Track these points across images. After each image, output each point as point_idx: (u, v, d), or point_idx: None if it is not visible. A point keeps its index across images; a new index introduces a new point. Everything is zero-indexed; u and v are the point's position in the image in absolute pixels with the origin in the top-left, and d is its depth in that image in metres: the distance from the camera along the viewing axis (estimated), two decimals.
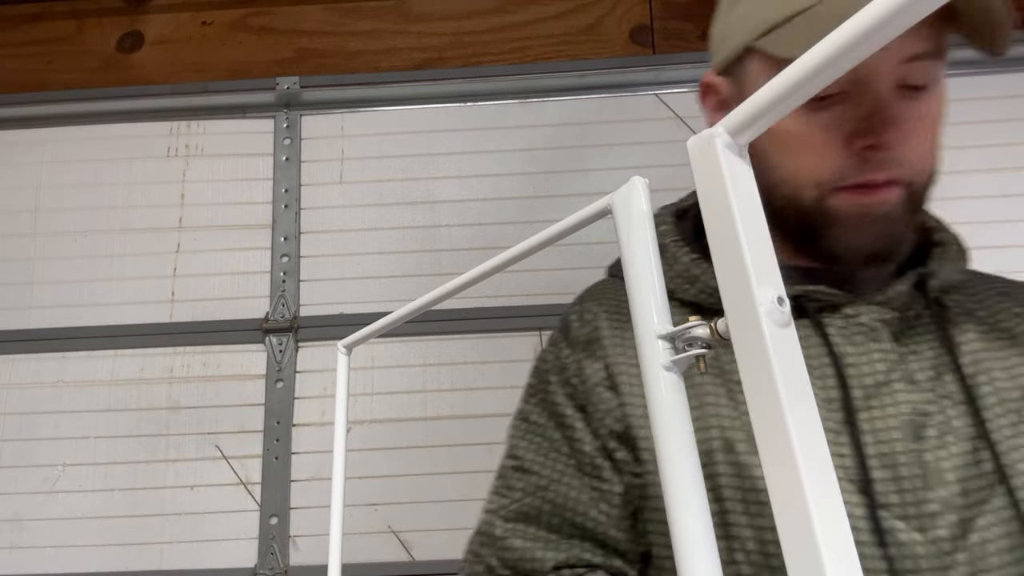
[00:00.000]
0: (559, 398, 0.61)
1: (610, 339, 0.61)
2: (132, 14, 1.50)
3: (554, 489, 0.59)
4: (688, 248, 0.62)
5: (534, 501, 0.59)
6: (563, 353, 0.63)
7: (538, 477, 0.60)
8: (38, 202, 1.41)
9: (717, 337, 0.31)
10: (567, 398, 0.61)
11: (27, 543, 1.27)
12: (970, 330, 0.59)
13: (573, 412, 0.60)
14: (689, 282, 0.60)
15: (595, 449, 0.58)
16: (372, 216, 1.38)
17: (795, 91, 0.25)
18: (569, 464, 0.59)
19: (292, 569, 1.24)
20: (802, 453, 0.24)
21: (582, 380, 0.60)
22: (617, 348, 0.60)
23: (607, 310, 0.63)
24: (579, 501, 0.58)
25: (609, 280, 0.69)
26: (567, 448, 0.60)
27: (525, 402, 0.66)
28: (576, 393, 0.60)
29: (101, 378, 1.33)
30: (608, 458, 0.58)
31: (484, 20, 1.47)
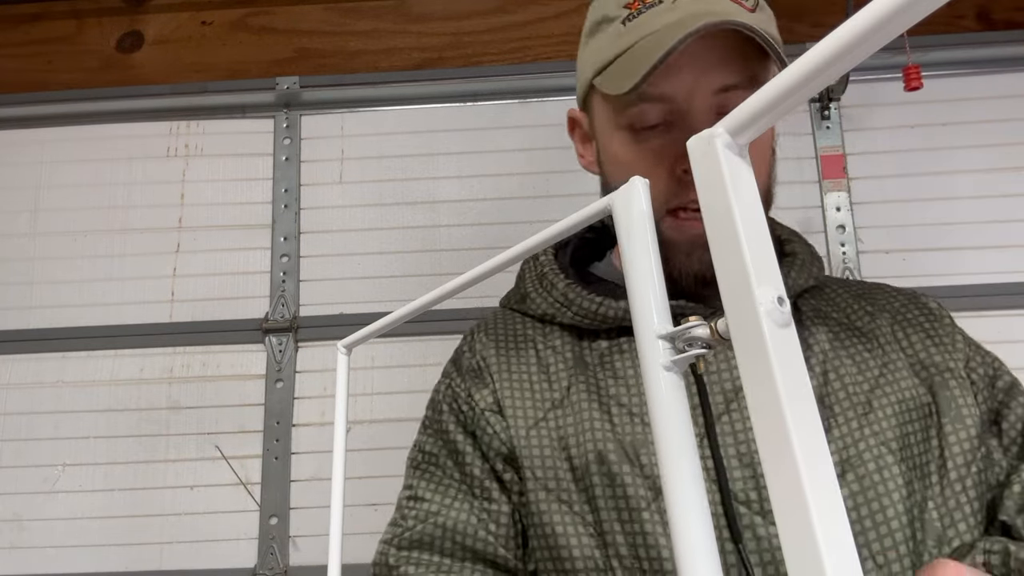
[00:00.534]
0: (451, 426, 0.65)
1: (496, 367, 0.65)
2: (132, 14, 1.50)
3: (444, 514, 0.62)
4: (564, 275, 0.68)
5: (426, 528, 0.62)
6: (455, 383, 0.67)
7: (430, 503, 0.63)
8: (38, 202, 1.41)
9: (717, 337, 0.31)
10: (457, 425, 0.65)
11: (27, 543, 1.27)
12: (823, 331, 0.63)
13: (463, 438, 0.64)
14: (565, 306, 0.65)
15: (484, 472, 0.63)
16: (372, 216, 1.38)
17: (794, 91, 0.25)
18: (460, 489, 0.63)
19: (292, 569, 1.24)
20: (802, 453, 0.24)
21: (471, 407, 0.64)
22: (503, 375, 0.65)
23: (495, 340, 0.68)
24: (468, 523, 0.61)
25: (500, 311, 0.74)
26: (458, 473, 0.64)
27: (421, 433, 0.69)
28: (466, 420, 0.65)
29: (101, 378, 1.33)
30: (497, 480, 0.62)
31: (484, 20, 1.47)
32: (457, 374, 0.68)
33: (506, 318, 0.71)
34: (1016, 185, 1.32)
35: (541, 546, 0.59)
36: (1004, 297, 1.27)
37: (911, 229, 1.32)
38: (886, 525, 0.54)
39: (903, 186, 1.34)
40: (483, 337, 0.69)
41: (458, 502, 0.63)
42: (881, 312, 0.66)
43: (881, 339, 0.63)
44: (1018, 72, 1.36)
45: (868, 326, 0.64)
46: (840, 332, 0.63)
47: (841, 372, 0.60)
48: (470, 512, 0.62)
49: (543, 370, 0.65)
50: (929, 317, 0.65)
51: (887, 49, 1.21)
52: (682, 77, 0.58)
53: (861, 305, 0.67)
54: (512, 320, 0.71)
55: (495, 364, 0.66)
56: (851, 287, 0.70)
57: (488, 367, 0.66)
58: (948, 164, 1.33)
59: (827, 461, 0.25)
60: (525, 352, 0.66)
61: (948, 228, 1.31)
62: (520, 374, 0.65)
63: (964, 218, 1.31)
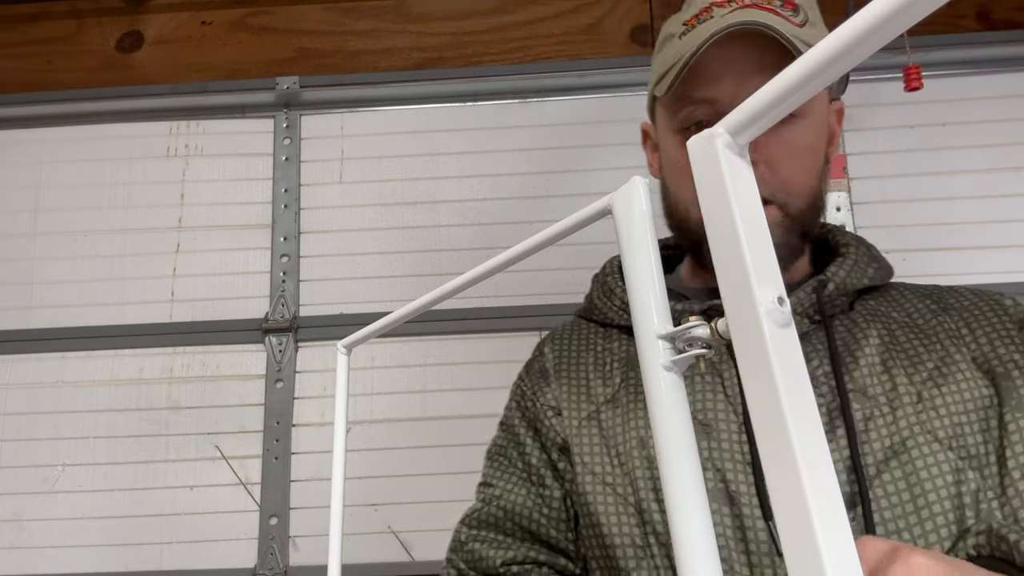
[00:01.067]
0: (516, 420, 0.74)
1: (557, 369, 0.74)
2: (132, 14, 1.50)
3: (506, 498, 0.70)
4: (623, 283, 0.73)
5: (491, 509, 0.71)
6: (524, 383, 0.76)
7: (494, 488, 0.72)
8: (38, 202, 1.41)
9: (717, 337, 0.31)
10: (522, 420, 0.74)
11: (27, 543, 1.27)
12: (877, 329, 0.65)
13: (525, 431, 0.72)
14: (623, 310, 0.73)
15: (540, 461, 0.70)
16: (372, 216, 1.38)
17: (795, 91, 0.25)
18: (521, 476, 0.71)
19: (292, 569, 1.24)
20: (802, 452, 0.24)
21: (534, 404, 0.73)
22: (563, 376, 0.73)
23: (560, 345, 0.76)
24: (525, 506, 0.69)
25: (572, 319, 0.81)
26: (520, 463, 0.72)
27: (497, 429, 0.78)
28: (529, 415, 0.73)
29: (101, 378, 1.33)
30: (552, 468, 0.69)
31: (484, 20, 1.47)
32: (527, 375, 0.77)
33: (575, 325, 0.78)
34: (1016, 185, 1.32)
35: (587, 525, 0.65)
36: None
37: (911, 229, 1.32)
38: (928, 509, 0.55)
39: (903, 186, 1.34)
40: (551, 343, 0.78)
41: (517, 487, 0.70)
42: (948, 310, 0.67)
43: (942, 335, 0.64)
44: (1018, 72, 1.36)
45: (930, 323, 0.66)
46: (897, 330, 0.65)
47: (891, 367, 0.62)
48: (527, 496, 0.69)
49: (599, 369, 0.71)
50: (999, 313, 0.66)
51: (887, 49, 1.21)
52: (724, 80, 0.63)
53: (926, 304, 0.68)
54: (579, 327, 0.78)
55: (557, 367, 0.74)
56: (921, 289, 0.72)
57: (551, 369, 0.74)
58: (948, 164, 1.33)
59: (827, 461, 0.25)
60: (586, 354, 0.73)
61: (948, 228, 1.31)
62: (578, 374, 0.72)
63: (964, 218, 1.31)
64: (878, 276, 0.71)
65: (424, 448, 1.28)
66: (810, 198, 0.67)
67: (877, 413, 0.59)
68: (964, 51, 1.35)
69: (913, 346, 0.64)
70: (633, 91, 1.40)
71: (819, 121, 0.68)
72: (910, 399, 0.60)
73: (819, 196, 0.69)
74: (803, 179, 0.67)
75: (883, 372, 0.62)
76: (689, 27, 0.65)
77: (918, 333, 0.65)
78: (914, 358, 0.63)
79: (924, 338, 0.64)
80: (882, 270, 0.72)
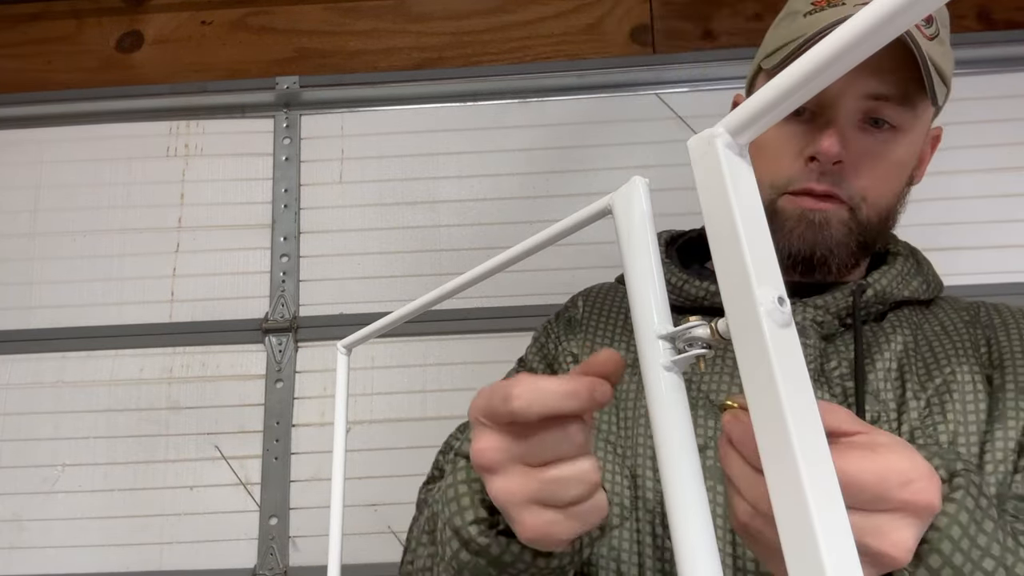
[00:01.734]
0: (532, 357, 0.76)
1: (587, 324, 0.74)
2: (132, 14, 1.50)
3: None
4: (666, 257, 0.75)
5: None
6: (552, 325, 0.77)
7: None
8: (38, 202, 1.41)
9: (717, 337, 0.31)
10: (541, 359, 0.74)
11: (27, 543, 1.27)
12: (902, 337, 0.65)
13: (540, 367, 0.74)
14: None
15: None
16: (372, 216, 1.38)
17: (794, 92, 0.25)
18: None
19: (292, 570, 1.24)
20: (802, 453, 0.24)
21: (557, 346, 0.74)
22: (590, 332, 0.73)
23: (594, 302, 0.77)
24: None
25: (611, 283, 0.81)
26: None
27: (514, 365, 0.79)
28: (549, 354, 0.74)
29: (101, 378, 1.33)
30: None
31: (484, 20, 1.47)
32: (555, 321, 0.78)
33: (613, 289, 0.79)
34: (1017, 185, 1.32)
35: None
36: (1004, 297, 1.26)
37: (911, 229, 1.31)
38: None
39: None
40: (585, 297, 0.78)
41: None
42: (976, 323, 0.67)
43: (967, 347, 0.64)
44: (1019, 72, 1.36)
45: (960, 333, 0.66)
46: (922, 340, 0.65)
47: (905, 373, 0.62)
48: None
49: (625, 336, 0.72)
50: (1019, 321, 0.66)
51: None
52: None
53: (960, 316, 0.68)
54: (616, 291, 0.78)
55: (587, 321, 0.74)
56: (962, 303, 0.71)
57: (581, 321, 0.74)
58: (948, 164, 1.33)
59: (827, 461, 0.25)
60: (615, 318, 0.74)
61: (948, 228, 1.31)
62: (605, 334, 0.72)
63: (964, 218, 1.31)
64: (921, 290, 0.70)
65: (424, 448, 1.28)
66: (883, 212, 0.67)
67: (884, 418, 0.60)
68: (964, 51, 1.35)
69: (934, 355, 0.64)
70: (634, 91, 1.40)
71: (916, 140, 0.67)
72: (916, 405, 0.60)
73: (893, 213, 0.69)
74: (883, 191, 0.66)
75: (897, 379, 0.62)
76: (817, 8, 0.64)
77: (943, 344, 0.65)
78: (931, 367, 0.63)
79: (946, 349, 0.64)
80: (927, 285, 0.71)
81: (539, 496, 0.39)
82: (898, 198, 0.69)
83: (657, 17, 1.46)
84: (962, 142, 1.34)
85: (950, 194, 1.32)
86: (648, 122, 1.38)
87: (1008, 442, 0.58)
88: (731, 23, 1.44)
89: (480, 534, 0.45)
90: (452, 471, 0.49)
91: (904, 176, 0.68)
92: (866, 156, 0.64)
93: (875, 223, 0.67)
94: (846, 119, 0.63)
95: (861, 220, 0.66)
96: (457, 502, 0.46)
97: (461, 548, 0.46)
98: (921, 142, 0.69)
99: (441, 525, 0.48)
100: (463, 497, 0.46)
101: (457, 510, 0.46)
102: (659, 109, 1.39)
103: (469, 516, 0.45)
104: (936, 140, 0.75)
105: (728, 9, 1.45)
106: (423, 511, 0.66)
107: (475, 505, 0.46)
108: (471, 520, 0.45)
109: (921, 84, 0.61)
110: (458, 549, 0.46)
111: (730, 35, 1.43)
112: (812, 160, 0.64)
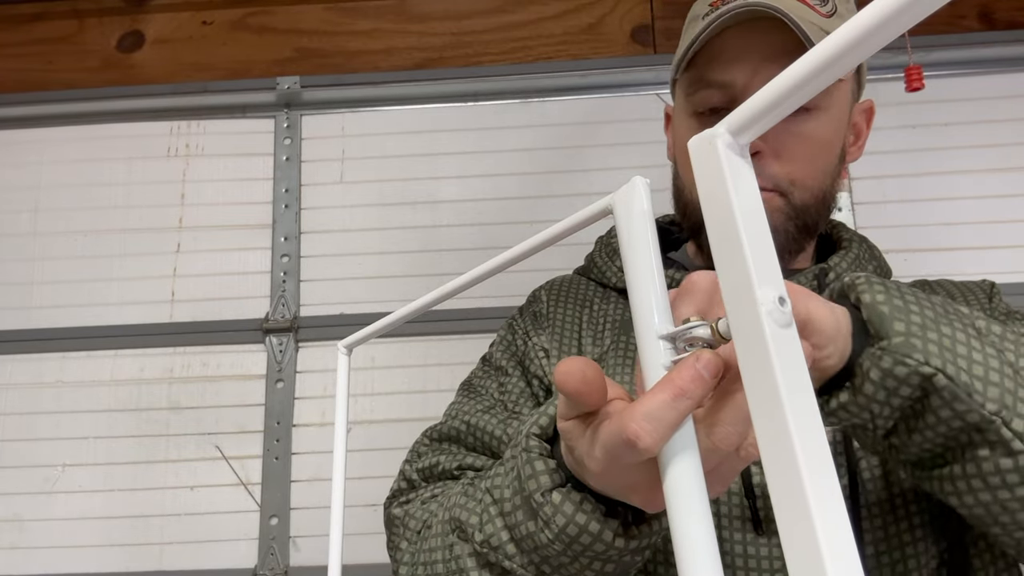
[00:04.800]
0: (500, 355, 0.75)
1: (553, 317, 0.74)
2: (132, 14, 1.50)
3: (473, 415, 0.69)
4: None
5: (455, 423, 0.69)
6: (517, 321, 0.77)
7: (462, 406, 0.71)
8: (38, 202, 1.41)
9: (718, 337, 0.31)
10: (507, 354, 0.74)
11: (27, 543, 1.27)
12: None
13: (508, 364, 0.73)
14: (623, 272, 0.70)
15: (522, 394, 0.70)
16: (372, 216, 1.38)
17: (796, 91, 0.25)
18: (496, 403, 0.70)
19: (292, 570, 1.24)
20: (803, 453, 0.24)
21: (525, 342, 0.73)
22: (557, 325, 0.73)
23: (558, 295, 0.77)
24: (491, 424, 0.67)
25: (572, 275, 0.81)
26: (496, 393, 0.71)
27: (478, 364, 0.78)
28: (518, 351, 0.73)
29: (101, 378, 1.33)
30: (533, 400, 0.69)
31: (484, 20, 1.47)
32: (520, 316, 0.77)
33: (573, 281, 0.79)
34: (1018, 185, 1.32)
35: None
36: (1005, 298, 1.26)
37: (912, 229, 1.32)
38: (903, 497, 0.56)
39: (904, 186, 1.33)
40: (548, 291, 0.78)
41: (488, 413, 0.68)
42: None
43: None
44: (1020, 72, 1.36)
45: None
46: None
47: None
48: (498, 423, 0.67)
49: (591, 328, 0.71)
50: (979, 296, 0.67)
51: (888, 49, 1.21)
52: (741, 65, 0.62)
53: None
54: (579, 283, 0.78)
55: (553, 315, 0.74)
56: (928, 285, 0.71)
57: (547, 315, 0.74)
58: (949, 164, 1.33)
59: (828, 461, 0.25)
60: (581, 310, 0.74)
61: (949, 228, 1.31)
62: (572, 328, 0.72)
63: (965, 218, 1.31)
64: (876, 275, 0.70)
65: None
66: (817, 192, 0.66)
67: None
68: (966, 51, 1.35)
69: None
70: (634, 91, 1.40)
71: (838, 116, 0.66)
72: None
73: (828, 192, 0.68)
74: (810, 172, 0.65)
75: None
76: (714, 8, 0.64)
77: None
78: None
79: None
80: (880, 270, 0.72)
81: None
82: (830, 177, 0.68)
83: (658, 17, 1.46)
84: (963, 142, 1.34)
85: (950, 194, 1.32)
86: (648, 122, 1.38)
87: None
88: None
89: (628, 541, 0.41)
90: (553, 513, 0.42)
91: (832, 154, 0.67)
92: (784, 141, 0.63)
93: (811, 204, 0.66)
94: None
95: (796, 204, 0.65)
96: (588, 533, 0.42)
97: (605, 564, 0.43)
98: (844, 117, 0.68)
99: (567, 560, 0.44)
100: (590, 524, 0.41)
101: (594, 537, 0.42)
102: (659, 109, 1.39)
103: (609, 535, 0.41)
104: (870, 112, 0.72)
105: None
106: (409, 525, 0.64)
107: (606, 523, 0.42)
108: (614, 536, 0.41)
109: None
110: (601, 567, 0.43)
111: None
112: None
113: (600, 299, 0.74)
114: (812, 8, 0.61)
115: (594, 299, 0.75)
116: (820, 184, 0.67)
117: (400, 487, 0.70)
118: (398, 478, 0.71)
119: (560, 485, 0.43)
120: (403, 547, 0.63)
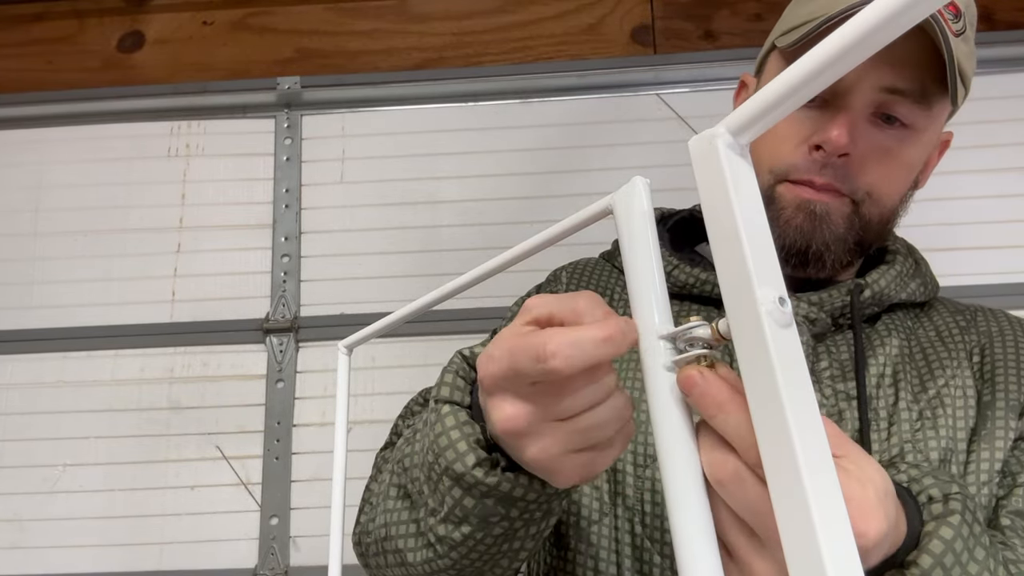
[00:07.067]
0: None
1: None
2: (133, 14, 1.50)
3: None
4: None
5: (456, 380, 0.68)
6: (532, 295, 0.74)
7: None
8: (38, 202, 1.41)
9: (718, 337, 0.31)
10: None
11: (27, 543, 1.27)
12: (897, 342, 0.63)
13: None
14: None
15: None
16: (373, 216, 1.38)
17: (795, 92, 0.25)
18: None
19: (293, 570, 1.24)
20: (803, 452, 0.24)
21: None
22: None
23: (579, 277, 0.75)
24: None
25: (596, 259, 0.79)
26: None
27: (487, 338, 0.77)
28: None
29: (101, 378, 1.33)
30: None
31: (484, 20, 1.47)
32: (537, 291, 0.75)
33: (598, 265, 0.76)
34: (1018, 185, 1.32)
35: None
36: (1005, 298, 1.26)
37: (912, 229, 1.31)
38: None
39: None
40: (569, 272, 0.76)
41: None
42: (971, 328, 0.65)
43: (955, 354, 0.63)
44: (1020, 72, 1.36)
45: (955, 339, 0.64)
46: (916, 346, 0.63)
47: (899, 380, 0.60)
48: None
49: None
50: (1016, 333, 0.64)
51: None
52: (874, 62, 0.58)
53: (956, 320, 0.66)
54: (602, 268, 0.76)
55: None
56: (959, 305, 0.70)
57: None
58: (950, 164, 1.32)
59: (828, 461, 0.25)
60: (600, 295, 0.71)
61: (949, 228, 1.31)
62: None
63: (965, 218, 1.31)
64: (918, 292, 0.68)
65: None
66: (886, 212, 0.65)
67: (875, 427, 0.58)
68: None
69: (928, 363, 0.62)
70: (634, 91, 1.40)
71: (928, 141, 0.65)
72: (908, 416, 0.59)
73: (894, 215, 0.66)
74: (887, 190, 0.63)
75: (891, 385, 0.60)
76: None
77: (937, 351, 0.63)
78: (925, 376, 0.61)
79: (940, 357, 0.62)
80: (925, 287, 0.69)
81: (578, 446, 0.37)
82: (902, 200, 0.67)
83: (658, 17, 1.46)
84: (964, 142, 1.33)
85: (952, 194, 1.32)
86: (649, 122, 1.38)
87: (994, 463, 0.57)
88: (731, 23, 1.44)
89: (487, 475, 0.43)
90: (436, 420, 0.45)
91: (910, 178, 0.66)
92: (874, 152, 0.61)
93: (876, 222, 0.64)
94: (858, 110, 0.60)
95: (863, 216, 0.63)
96: (454, 449, 0.43)
97: (465, 494, 0.44)
98: (933, 143, 0.66)
99: (435, 476, 0.46)
100: (459, 443, 0.43)
101: (456, 457, 0.43)
102: (660, 109, 1.39)
103: (471, 460, 0.43)
104: (945, 145, 0.71)
105: (728, 9, 1.45)
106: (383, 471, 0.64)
107: (473, 448, 0.43)
108: (473, 463, 0.43)
109: (941, 82, 0.58)
110: (461, 496, 0.44)
111: (731, 35, 1.43)
112: (817, 149, 0.60)
113: (621, 288, 0.72)
114: (946, 23, 0.58)
115: (616, 287, 0.72)
116: (892, 205, 0.65)
117: (390, 440, 0.72)
118: (390, 432, 0.72)
119: (456, 403, 0.45)
120: (372, 488, 0.66)
